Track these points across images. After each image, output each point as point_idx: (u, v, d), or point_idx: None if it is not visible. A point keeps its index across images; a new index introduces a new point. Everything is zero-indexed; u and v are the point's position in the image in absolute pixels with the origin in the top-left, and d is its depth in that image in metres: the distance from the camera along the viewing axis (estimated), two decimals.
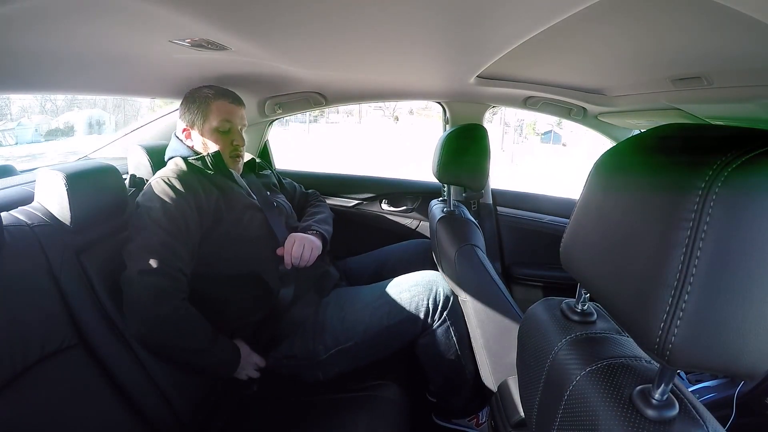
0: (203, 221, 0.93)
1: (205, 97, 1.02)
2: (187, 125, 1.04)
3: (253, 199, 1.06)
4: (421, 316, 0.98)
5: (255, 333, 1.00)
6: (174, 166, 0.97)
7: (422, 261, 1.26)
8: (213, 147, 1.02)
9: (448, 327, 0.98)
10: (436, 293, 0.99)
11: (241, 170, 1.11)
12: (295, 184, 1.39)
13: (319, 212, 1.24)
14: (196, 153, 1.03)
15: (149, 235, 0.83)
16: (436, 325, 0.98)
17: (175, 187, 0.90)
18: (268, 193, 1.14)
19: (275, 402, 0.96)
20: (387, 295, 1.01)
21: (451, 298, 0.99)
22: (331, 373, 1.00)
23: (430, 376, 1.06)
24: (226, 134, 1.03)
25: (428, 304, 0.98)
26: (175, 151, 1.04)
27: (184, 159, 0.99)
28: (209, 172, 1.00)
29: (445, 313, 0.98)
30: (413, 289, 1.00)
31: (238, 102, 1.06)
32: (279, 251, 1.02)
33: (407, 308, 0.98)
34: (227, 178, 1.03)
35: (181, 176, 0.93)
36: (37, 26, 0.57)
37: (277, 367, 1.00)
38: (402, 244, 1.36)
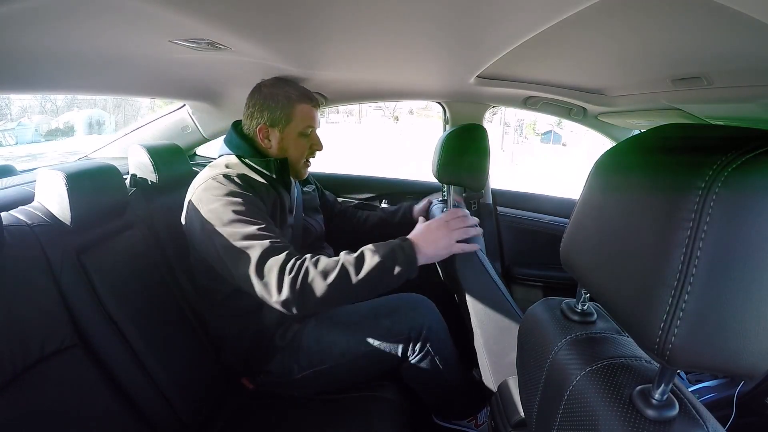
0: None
1: (287, 97, 0.95)
2: (265, 123, 0.96)
3: (291, 217, 1.01)
4: (400, 346, 0.93)
5: (245, 351, 0.96)
6: (227, 167, 0.91)
7: None
8: (292, 151, 0.98)
9: (433, 357, 0.94)
10: (420, 323, 0.94)
11: (305, 176, 1.06)
12: (336, 198, 1.35)
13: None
14: (261, 153, 0.97)
15: (241, 228, 0.78)
16: (418, 356, 0.94)
17: (238, 183, 0.86)
18: (303, 215, 1.09)
19: (275, 402, 0.96)
20: (366, 319, 0.96)
21: (435, 328, 0.95)
22: (309, 392, 0.96)
23: (420, 394, 1.02)
24: (307, 138, 1.00)
25: (408, 333, 0.93)
26: (237, 149, 0.96)
27: (240, 158, 0.94)
28: (271, 176, 0.95)
29: (428, 345, 0.93)
30: (393, 315, 0.95)
31: (317, 104, 1.02)
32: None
33: (386, 336, 0.93)
34: (285, 189, 0.99)
35: (240, 174, 0.88)
36: (36, 26, 0.57)
37: (254, 383, 0.98)
38: None
